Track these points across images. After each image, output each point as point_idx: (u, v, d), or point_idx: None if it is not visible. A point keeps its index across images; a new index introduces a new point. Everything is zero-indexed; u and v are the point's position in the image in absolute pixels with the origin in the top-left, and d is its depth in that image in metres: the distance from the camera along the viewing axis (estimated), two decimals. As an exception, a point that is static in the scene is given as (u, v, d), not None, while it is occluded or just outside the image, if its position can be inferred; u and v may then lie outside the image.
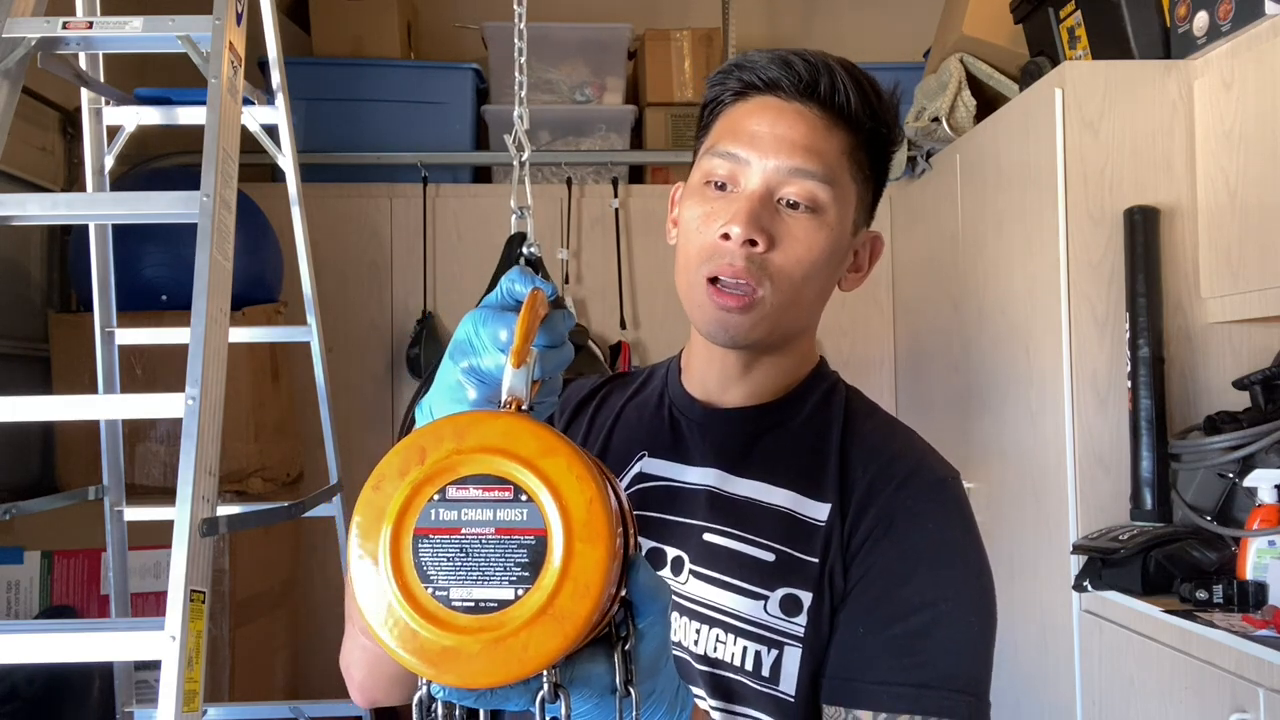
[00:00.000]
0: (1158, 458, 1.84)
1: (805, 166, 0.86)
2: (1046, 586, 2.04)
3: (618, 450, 0.96)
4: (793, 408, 0.95)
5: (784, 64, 0.88)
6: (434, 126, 3.08)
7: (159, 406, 1.42)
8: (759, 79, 0.89)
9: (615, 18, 3.27)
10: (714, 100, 0.93)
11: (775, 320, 0.88)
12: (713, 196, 0.89)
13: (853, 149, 0.90)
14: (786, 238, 0.86)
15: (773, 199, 0.87)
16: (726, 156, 0.88)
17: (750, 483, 0.90)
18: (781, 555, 0.86)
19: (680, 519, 0.90)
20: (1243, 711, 1.42)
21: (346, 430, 2.52)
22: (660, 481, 0.93)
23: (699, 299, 0.88)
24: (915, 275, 2.92)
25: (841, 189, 0.89)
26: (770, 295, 0.86)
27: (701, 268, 0.87)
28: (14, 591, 2.21)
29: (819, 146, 0.88)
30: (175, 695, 1.24)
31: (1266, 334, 1.92)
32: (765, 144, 0.87)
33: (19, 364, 2.57)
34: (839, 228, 0.90)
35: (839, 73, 0.89)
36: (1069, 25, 2.20)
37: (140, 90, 1.95)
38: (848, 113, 0.89)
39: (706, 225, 0.88)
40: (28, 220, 1.56)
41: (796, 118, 0.88)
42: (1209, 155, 1.89)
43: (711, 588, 0.87)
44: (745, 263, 0.85)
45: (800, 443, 0.92)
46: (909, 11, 3.32)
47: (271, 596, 2.64)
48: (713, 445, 0.93)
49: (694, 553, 0.88)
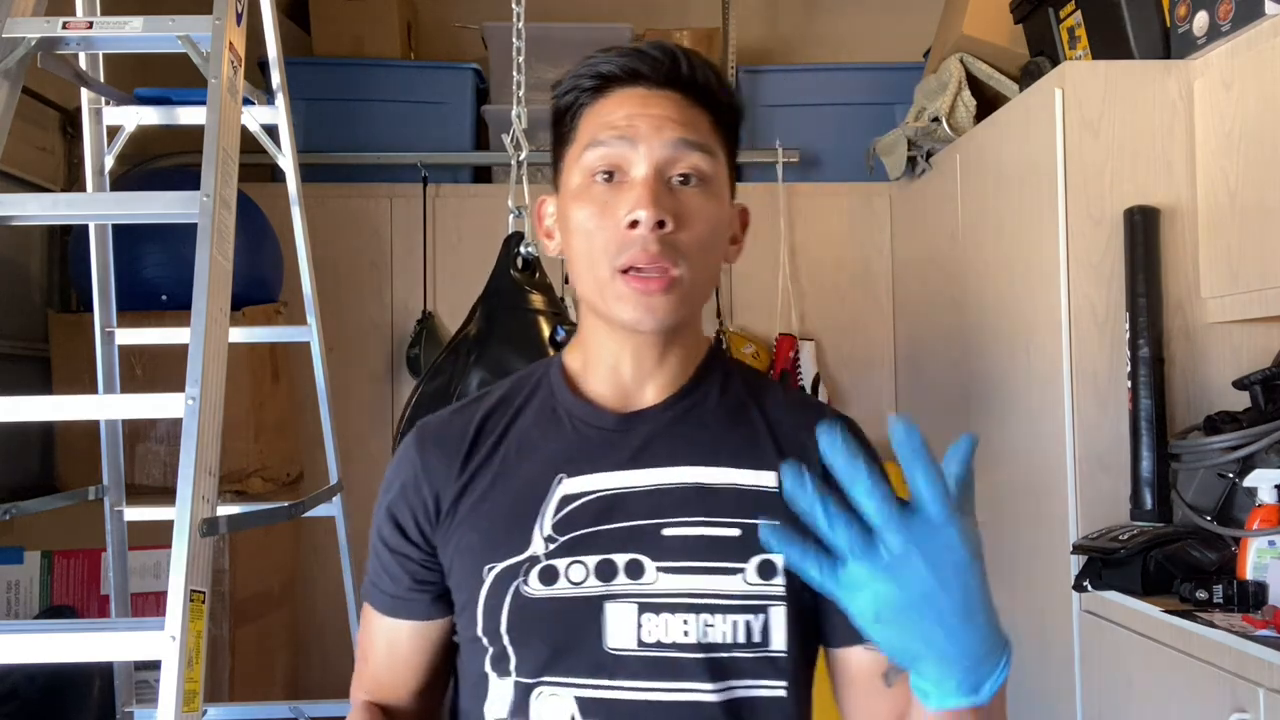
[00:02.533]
0: (1158, 458, 1.84)
1: (689, 138, 0.89)
2: (1046, 586, 2.04)
3: (534, 479, 0.93)
4: (704, 391, 0.97)
5: (640, 54, 0.91)
6: (434, 126, 3.08)
7: (159, 406, 1.42)
8: (619, 71, 0.91)
9: (615, 18, 3.27)
10: (572, 105, 0.94)
11: (692, 298, 0.91)
12: (601, 190, 0.89)
13: (715, 125, 0.93)
14: (688, 214, 0.88)
15: (665, 178, 0.89)
16: (608, 145, 0.89)
17: (692, 469, 0.92)
18: (746, 528, 0.89)
19: (628, 524, 0.90)
20: (1243, 711, 1.42)
21: (346, 430, 2.52)
22: (590, 496, 0.92)
23: (618, 291, 0.88)
24: (915, 275, 2.92)
25: (719, 161, 0.92)
26: (686, 273, 0.88)
27: (614, 261, 0.87)
28: (14, 591, 2.21)
29: (694, 121, 0.90)
30: (175, 695, 1.24)
31: (1266, 334, 1.92)
32: (646, 126, 0.88)
33: (19, 364, 2.57)
34: (723, 198, 0.93)
35: (692, 57, 0.92)
36: (1069, 25, 2.20)
37: (140, 90, 1.95)
38: (706, 93, 0.92)
39: (604, 219, 0.88)
40: (28, 220, 1.56)
41: (663, 99, 0.90)
42: (1209, 155, 1.89)
43: (686, 577, 0.88)
44: (659, 245, 0.86)
45: (725, 421, 0.96)
46: (909, 11, 3.32)
47: (271, 596, 2.64)
48: (643, 446, 0.93)
49: (656, 551, 0.89)
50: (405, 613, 0.98)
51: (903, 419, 0.70)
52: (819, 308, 3.09)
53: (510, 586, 0.90)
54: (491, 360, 1.76)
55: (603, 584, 0.89)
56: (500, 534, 0.92)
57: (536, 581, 0.90)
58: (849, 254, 3.11)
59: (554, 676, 0.88)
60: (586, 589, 0.89)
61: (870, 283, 3.11)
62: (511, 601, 0.90)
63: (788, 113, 3.17)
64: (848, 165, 3.09)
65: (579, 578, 0.89)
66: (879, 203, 3.12)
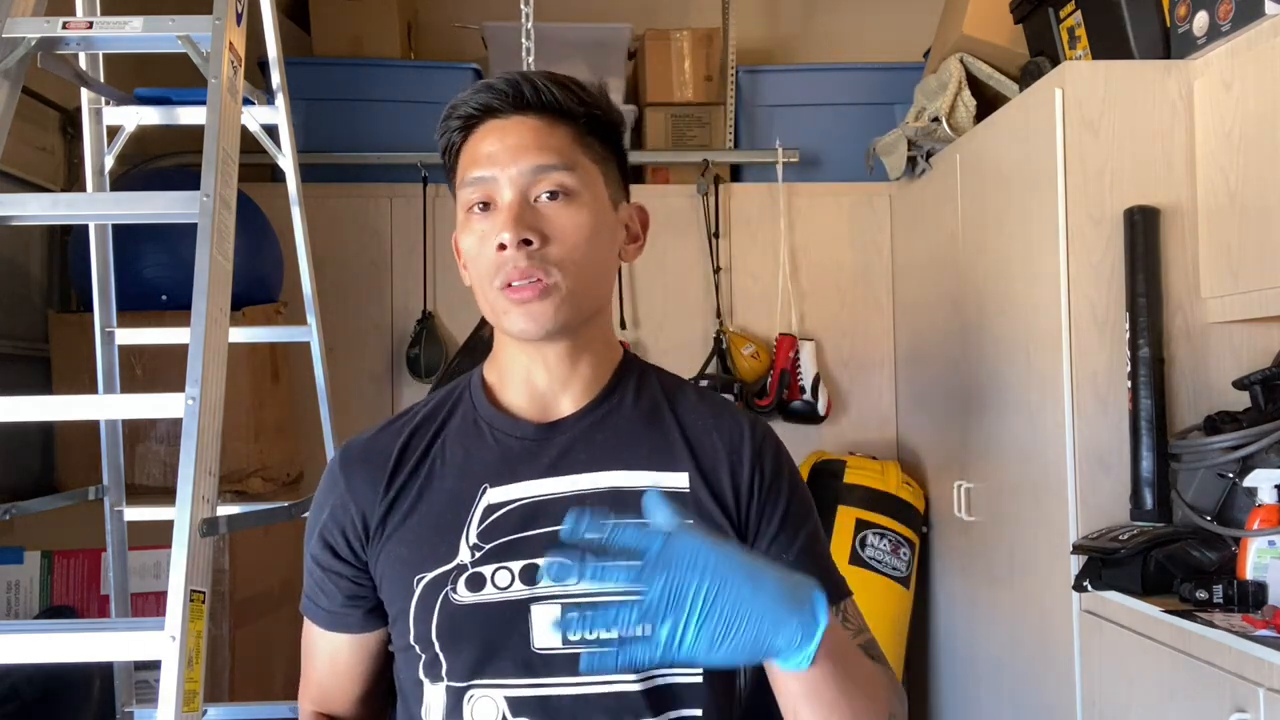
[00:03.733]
0: (1158, 458, 1.84)
1: (543, 161, 0.96)
2: (1046, 586, 2.04)
3: (460, 491, 0.99)
4: (619, 397, 1.03)
5: (489, 89, 0.99)
6: (434, 126, 3.06)
7: (159, 406, 1.42)
8: (473, 109, 0.99)
9: (615, 18, 3.27)
10: (447, 146, 1.03)
11: (574, 302, 0.96)
12: (478, 220, 0.97)
13: (580, 136, 0.99)
14: (554, 228, 0.95)
15: (529, 201, 0.96)
16: (476, 183, 0.97)
17: (610, 474, 0.98)
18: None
19: (551, 529, 0.95)
20: (1243, 711, 1.42)
21: (346, 430, 2.50)
22: (514, 504, 0.97)
23: (502, 306, 0.96)
24: (915, 275, 2.92)
25: (584, 171, 0.98)
26: (561, 280, 0.95)
27: (494, 282, 0.95)
28: (14, 591, 2.21)
29: (549, 143, 0.97)
30: (175, 695, 1.24)
31: (1266, 334, 1.92)
32: (503, 157, 0.96)
33: (19, 364, 2.57)
34: (596, 205, 0.98)
35: (537, 79, 0.98)
36: (1069, 25, 2.20)
37: (140, 90, 1.95)
38: (559, 108, 0.98)
39: (483, 245, 0.96)
40: (28, 220, 1.56)
41: (521, 127, 0.97)
42: (1209, 155, 1.89)
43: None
44: (527, 262, 0.93)
45: (638, 426, 1.02)
46: (909, 11, 3.32)
47: (271, 596, 2.64)
48: (560, 453, 0.99)
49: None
50: (342, 626, 1.04)
51: (571, 514, 0.77)
52: (819, 308, 3.09)
53: (439, 595, 0.95)
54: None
55: (527, 587, 0.94)
56: (428, 545, 0.97)
57: (464, 589, 0.95)
58: (849, 254, 3.11)
59: (484, 679, 0.94)
60: (512, 593, 0.94)
61: (870, 283, 3.11)
62: (441, 609, 0.95)
63: (788, 113, 3.17)
64: (848, 165, 3.09)
65: (504, 583, 0.95)
66: (879, 203, 3.12)
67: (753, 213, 3.09)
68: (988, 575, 2.36)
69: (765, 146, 3.11)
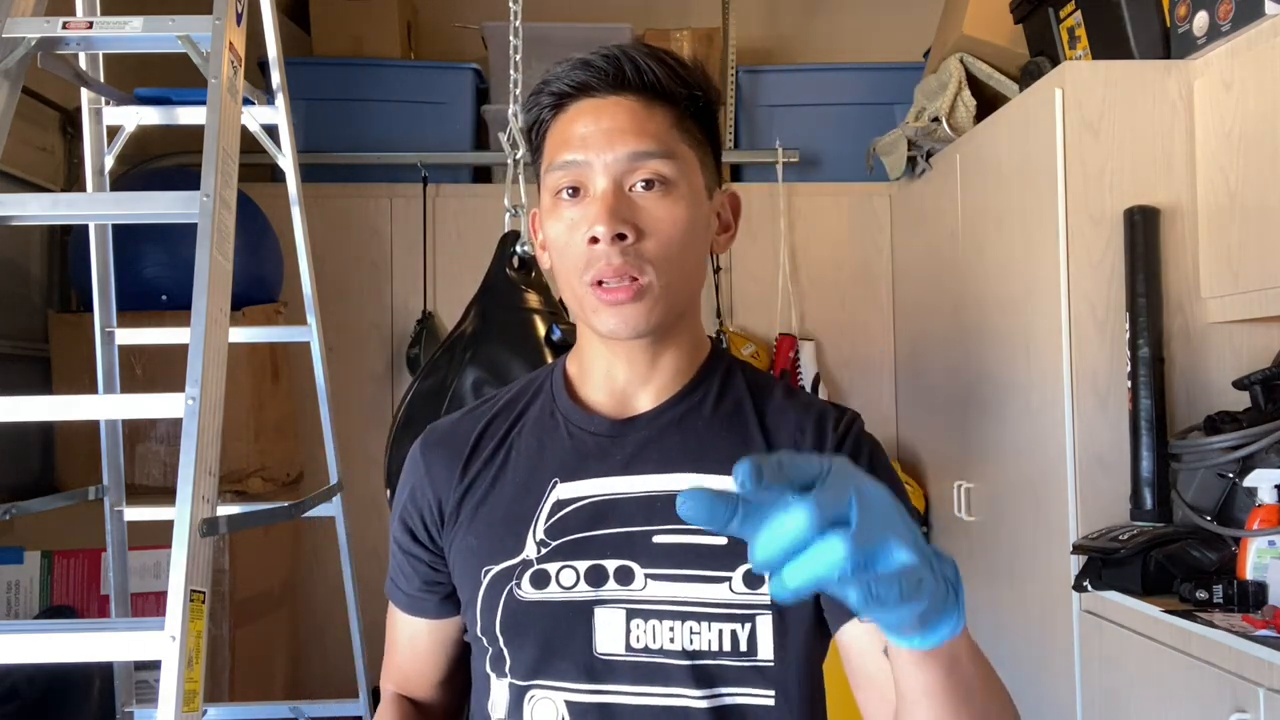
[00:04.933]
0: (1158, 458, 1.84)
1: (641, 149, 0.89)
2: (1046, 586, 2.04)
3: (530, 484, 0.95)
4: (701, 394, 0.97)
5: (586, 65, 0.91)
6: (434, 126, 3.08)
7: (159, 406, 1.42)
8: (568, 86, 0.92)
9: (615, 18, 3.27)
10: (536, 122, 0.96)
11: (667, 302, 0.91)
12: (568, 207, 0.91)
13: (678, 120, 0.93)
14: (650, 222, 0.89)
15: (624, 190, 0.90)
16: (566, 166, 0.91)
17: (684, 476, 0.92)
18: (734, 536, 0.87)
19: (619, 530, 0.91)
20: (1243, 711, 1.42)
21: (346, 430, 2.52)
22: (583, 501, 0.93)
23: (591, 304, 0.90)
24: (915, 275, 2.92)
25: (682, 160, 0.92)
26: (656, 279, 0.89)
27: (584, 276, 0.90)
28: (14, 591, 2.21)
29: (647, 128, 0.90)
30: (175, 695, 1.24)
31: (1266, 334, 1.92)
32: (598, 141, 0.89)
33: (19, 364, 2.57)
34: (693, 196, 0.92)
35: (640, 57, 0.91)
36: (1069, 25, 2.20)
37: (140, 90, 1.95)
38: (661, 90, 0.92)
39: (572, 235, 0.90)
40: (28, 220, 1.56)
41: (617, 108, 0.91)
42: (1209, 155, 1.89)
43: (674, 585, 0.89)
44: (622, 258, 0.88)
45: (718, 426, 0.96)
46: (909, 11, 3.32)
47: (271, 596, 2.64)
48: (636, 452, 0.94)
49: (645, 558, 0.90)
50: (419, 611, 1.02)
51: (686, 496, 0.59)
52: (819, 308, 3.09)
53: (505, 589, 0.92)
54: (486, 358, 1.76)
55: (592, 589, 0.90)
56: (496, 537, 0.94)
57: (528, 585, 0.92)
58: (849, 254, 3.11)
59: (545, 680, 0.91)
60: (576, 594, 0.91)
61: (870, 283, 3.11)
62: (505, 604, 0.92)
63: (788, 113, 3.17)
64: (848, 165, 3.09)
65: (569, 582, 0.91)
66: (879, 203, 3.12)
67: (753, 212, 3.09)
68: (988, 575, 2.36)
69: (765, 146, 3.11)
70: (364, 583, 2.23)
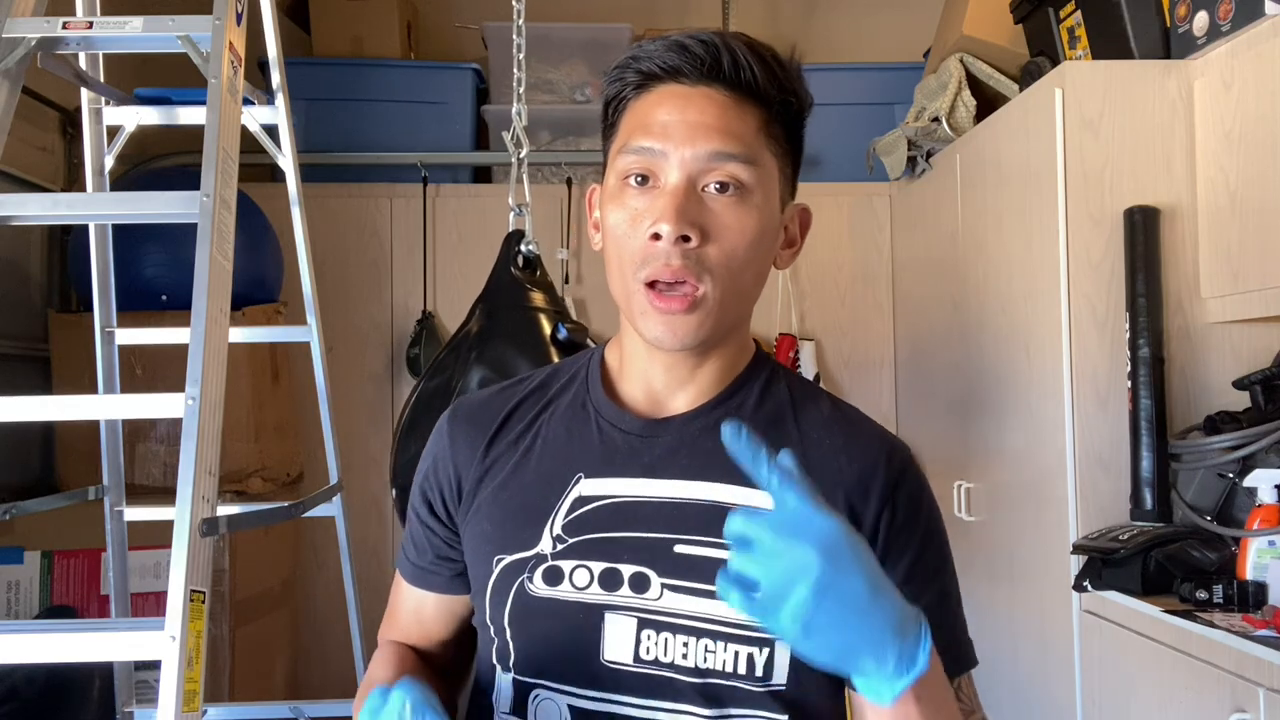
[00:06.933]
0: (1158, 458, 1.84)
1: (724, 149, 0.83)
2: (1046, 586, 2.04)
3: (552, 476, 0.91)
4: (740, 401, 0.92)
5: (681, 49, 0.85)
6: (434, 126, 3.08)
7: (159, 406, 1.42)
8: (659, 67, 0.86)
9: (615, 18, 3.27)
10: (616, 97, 0.89)
11: (720, 315, 0.86)
12: (634, 195, 0.85)
13: (766, 124, 0.86)
14: (718, 227, 0.83)
15: (696, 189, 0.84)
16: (641, 152, 0.85)
17: (713, 485, 0.87)
18: None
19: (639, 535, 0.87)
20: (1243, 711, 1.42)
21: (346, 430, 2.52)
22: (606, 500, 0.89)
23: (640, 306, 0.85)
24: (915, 275, 2.92)
25: (763, 167, 0.86)
26: (712, 290, 0.84)
27: (639, 273, 0.84)
28: (14, 591, 2.21)
29: (734, 127, 0.84)
30: (175, 695, 1.24)
31: (1266, 334, 1.92)
32: (679, 133, 0.83)
33: (19, 364, 2.57)
34: (767, 207, 0.86)
35: (739, 49, 0.85)
36: (1069, 25, 2.20)
37: (140, 90, 1.95)
38: (755, 89, 0.85)
39: (634, 227, 0.84)
40: (28, 220, 1.56)
41: (705, 101, 0.84)
42: (1209, 155, 1.89)
43: (692, 598, 0.85)
44: (682, 261, 0.82)
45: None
46: (909, 11, 3.32)
47: (271, 596, 2.64)
48: (665, 455, 0.89)
49: (663, 566, 0.86)
50: (426, 584, 0.99)
51: (732, 423, 0.67)
52: (819, 308, 3.09)
53: (516, 581, 0.89)
54: (492, 358, 1.76)
55: (605, 593, 0.86)
56: (513, 526, 0.90)
57: (540, 581, 0.88)
58: (849, 254, 3.11)
59: (550, 682, 0.88)
60: (589, 595, 0.87)
61: (870, 283, 3.11)
62: (515, 597, 0.89)
63: (788, 113, 3.17)
64: (848, 165, 3.08)
65: (583, 583, 0.87)
66: (879, 203, 3.12)
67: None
68: (988, 575, 2.36)
69: (765, 146, 3.11)
70: (364, 583, 2.24)
